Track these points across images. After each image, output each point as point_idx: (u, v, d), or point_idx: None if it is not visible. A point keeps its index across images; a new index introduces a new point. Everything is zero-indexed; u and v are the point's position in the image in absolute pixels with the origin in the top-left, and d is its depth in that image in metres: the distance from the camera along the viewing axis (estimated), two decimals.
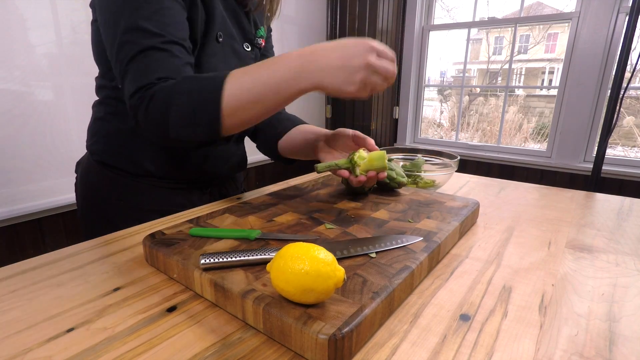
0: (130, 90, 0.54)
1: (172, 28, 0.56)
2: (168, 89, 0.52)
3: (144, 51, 0.54)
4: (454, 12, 2.78)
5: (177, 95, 0.51)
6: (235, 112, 0.51)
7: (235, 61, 0.70)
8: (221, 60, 0.67)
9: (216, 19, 0.64)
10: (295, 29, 2.44)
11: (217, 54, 0.66)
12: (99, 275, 0.46)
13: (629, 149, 2.68)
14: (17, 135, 1.33)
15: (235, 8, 0.70)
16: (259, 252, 0.42)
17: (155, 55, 0.54)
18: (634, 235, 0.60)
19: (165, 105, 0.52)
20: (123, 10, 0.54)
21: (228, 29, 0.68)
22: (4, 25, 1.25)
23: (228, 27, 0.68)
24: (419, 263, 0.42)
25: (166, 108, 0.52)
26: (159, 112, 0.52)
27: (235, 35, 0.69)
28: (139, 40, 0.53)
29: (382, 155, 0.60)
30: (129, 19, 0.54)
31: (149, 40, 0.54)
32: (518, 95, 3.71)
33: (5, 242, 1.41)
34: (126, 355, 0.32)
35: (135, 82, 0.53)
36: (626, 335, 0.36)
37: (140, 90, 0.53)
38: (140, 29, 0.54)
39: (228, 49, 0.68)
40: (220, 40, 0.66)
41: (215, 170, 0.75)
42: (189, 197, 0.73)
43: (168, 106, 0.51)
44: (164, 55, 0.55)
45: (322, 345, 0.30)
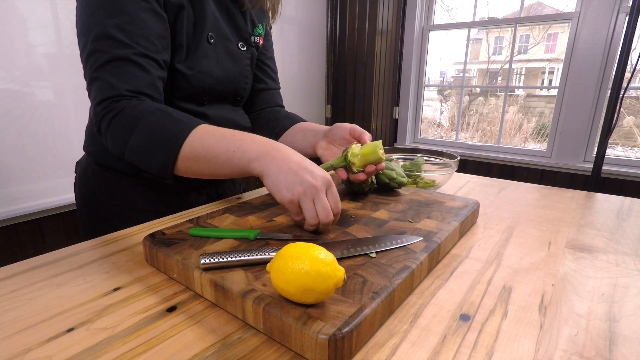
0: (96, 98, 0.54)
1: (144, 40, 0.55)
2: (136, 114, 0.52)
3: (113, 61, 0.53)
4: (454, 12, 2.78)
5: (144, 124, 0.51)
6: (186, 161, 0.51)
7: (230, 62, 0.69)
8: (214, 61, 0.66)
9: (207, 20, 0.63)
10: (295, 29, 2.44)
11: (209, 55, 0.65)
12: (99, 275, 0.46)
13: (629, 149, 2.68)
14: (17, 135, 1.33)
15: (229, 7, 0.69)
16: (259, 252, 0.42)
17: (124, 67, 0.54)
18: (634, 235, 0.60)
19: (129, 128, 0.52)
20: (97, 17, 0.54)
21: (221, 29, 0.67)
22: (4, 25, 1.25)
23: (221, 27, 0.67)
24: (419, 263, 0.42)
25: (129, 131, 0.52)
26: (121, 131, 0.53)
27: (229, 36, 0.69)
28: (109, 49, 0.53)
29: (374, 148, 0.58)
30: (101, 26, 0.53)
31: (119, 51, 0.53)
32: (518, 95, 3.71)
33: (5, 242, 1.41)
34: (126, 355, 0.32)
35: (102, 91, 0.53)
36: (626, 335, 0.36)
37: (106, 101, 0.53)
38: (111, 38, 0.53)
39: (221, 49, 0.67)
40: (212, 41, 0.65)
41: None
42: (186, 197, 0.73)
43: (132, 130, 0.52)
44: (133, 68, 0.54)
45: (322, 345, 0.30)
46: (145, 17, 0.55)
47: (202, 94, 0.67)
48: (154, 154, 0.52)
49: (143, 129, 0.51)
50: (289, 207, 0.48)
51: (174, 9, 0.59)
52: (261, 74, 0.82)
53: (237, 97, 0.75)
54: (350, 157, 0.59)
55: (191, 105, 0.66)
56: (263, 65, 0.82)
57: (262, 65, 0.82)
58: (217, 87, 0.68)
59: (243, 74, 0.73)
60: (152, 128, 0.51)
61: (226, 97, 0.73)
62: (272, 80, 0.84)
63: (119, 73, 0.53)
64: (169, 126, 0.52)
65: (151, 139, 0.52)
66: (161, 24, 0.58)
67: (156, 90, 0.57)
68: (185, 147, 0.50)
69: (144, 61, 0.55)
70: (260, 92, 0.82)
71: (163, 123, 0.52)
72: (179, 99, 0.65)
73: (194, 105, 0.67)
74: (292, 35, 2.43)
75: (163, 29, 0.58)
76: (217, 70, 0.67)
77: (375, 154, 0.58)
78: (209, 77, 0.66)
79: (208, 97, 0.68)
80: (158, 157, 0.52)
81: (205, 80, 0.65)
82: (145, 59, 0.55)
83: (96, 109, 0.54)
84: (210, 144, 0.50)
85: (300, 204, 0.47)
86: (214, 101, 0.70)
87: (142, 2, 0.55)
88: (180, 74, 0.62)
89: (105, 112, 0.53)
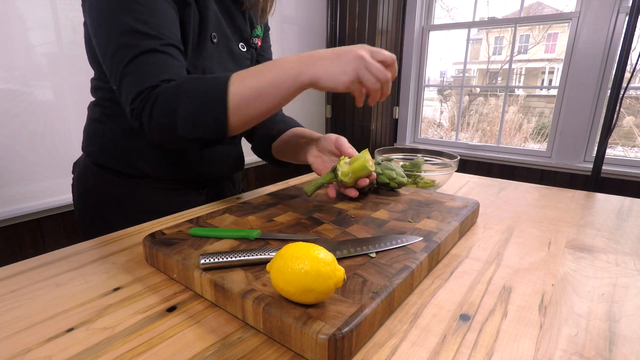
0: (131, 93, 0.53)
1: (168, 30, 0.56)
2: (172, 90, 0.52)
3: (143, 54, 0.53)
4: (454, 12, 2.78)
5: (183, 95, 0.52)
6: (239, 109, 0.52)
7: (231, 62, 0.70)
8: (216, 61, 0.66)
9: (210, 20, 0.64)
10: (295, 29, 2.44)
11: (212, 55, 0.66)
12: (99, 275, 0.46)
13: (629, 149, 2.68)
14: (17, 135, 1.33)
15: (230, 8, 0.69)
16: (259, 252, 0.42)
17: (155, 57, 0.54)
18: (634, 235, 0.60)
19: (170, 106, 0.52)
20: (116, 13, 0.53)
21: (223, 29, 0.67)
22: (4, 25, 1.25)
23: (223, 27, 0.67)
24: (419, 263, 0.42)
25: (172, 109, 0.52)
26: (164, 113, 0.52)
27: (230, 36, 0.69)
28: (136, 43, 0.53)
29: (363, 164, 0.57)
30: (124, 21, 0.53)
31: (147, 42, 0.53)
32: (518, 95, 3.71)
33: (5, 242, 1.41)
34: (126, 355, 0.32)
35: (137, 85, 0.53)
36: (626, 335, 0.36)
37: (143, 93, 0.53)
38: (136, 32, 0.53)
39: (223, 49, 0.68)
40: (215, 41, 0.65)
41: (211, 170, 0.74)
42: (185, 197, 0.73)
43: (174, 107, 0.52)
44: (164, 57, 0.54)
45: (322, 345, 0.30)
46: (163, 8, 0.56)
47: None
48: (206, 116, 0.52)
49: (185, 99, 0.52)
50: (353, 88, 0.51)
51: (181, 5, 0.60)
52: None
53: None
54: (341, 177, 0.58)
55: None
56: None
57: None
58: None
59: None
60: (193, 94, 0.52)
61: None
62: None
63: (150, 64, 0.53)
64: (207, 87, 0.52)
65: (197, 104, 0.52)
66: (176, 14, 0.59)
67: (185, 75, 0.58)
68: (231, 97, 0.51)
69: (171, 50, 0.56)
70: None
71: (200, 86, 0.52)
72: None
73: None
74: (292, 35, 2.43)
75: (177, 18, 0.59)
76: (219, 70, 0.67)
77: (365, 170, 0.57)
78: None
79: None
80: (210, 118, 0.52)
81: None
82: (173, 49, 0.56)
83: (133, 104, 0.54)
84: (252, 84, 0.52)
85: (360, 78, 0.50)
86: None
87: None
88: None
89: (144, 103, 0.53)
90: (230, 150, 0.78)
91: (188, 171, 0.71)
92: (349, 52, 0.50)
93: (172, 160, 0.69)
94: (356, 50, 0.50)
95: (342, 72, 0.49)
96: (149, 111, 0.53)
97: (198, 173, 0.73)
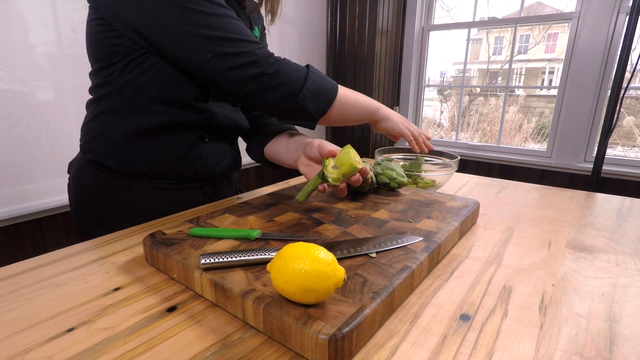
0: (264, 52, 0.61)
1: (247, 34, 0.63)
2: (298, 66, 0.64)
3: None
4: (454, 12, 2.78)
5: (311, 73, 0.65)
6: (340, 107, 0.68)
7: None
8: None
9: None
10: (295, 29, 2.44)
11: None
12: (99, 275, 0.46)
13: (629, 149, 2.68)
14: (17, 135, 1.33)
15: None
16: (259, 252, 0.42)
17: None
18: (634, 235, 0.60)
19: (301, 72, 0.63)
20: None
21: None
22: (4, 25, 1.25)
23: None
24: (419, 263, 0.42)
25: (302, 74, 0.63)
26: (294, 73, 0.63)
27: None
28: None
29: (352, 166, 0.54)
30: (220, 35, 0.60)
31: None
32: (518, 95, 3.71)
33: (5, 242, 1.41)
34: (126, 355, 0.32)
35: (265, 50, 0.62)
36: (626, 335, 0.36)
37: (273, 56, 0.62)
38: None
39: None
40: None
41: (208, 170, 0.74)
42: (182, 197, 0.73)
43: (305, 74, 0.64)
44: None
45: (322, 345, 0.30)
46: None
47: (208, 91, 0.68)
48: (322, 98, 0.66)
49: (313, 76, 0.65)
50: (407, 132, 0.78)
51: None
52: None
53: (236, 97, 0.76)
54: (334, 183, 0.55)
55: (198, 102, 0.67)
56: None
57: None
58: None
59: None
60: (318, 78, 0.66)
61: (227, 97, 0.74)
62: None
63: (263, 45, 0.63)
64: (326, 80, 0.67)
65: (321, 85, 0.65)
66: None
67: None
68: (338, 96, 0.68)
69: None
70: None
71: (321, 75, 0.67)
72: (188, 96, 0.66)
73: (201, 103, 0.68)
74: (292, 35, 2.43)
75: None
76: None
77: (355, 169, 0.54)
78: None
79: (212, 94, 0.69)
80: (324, 100, 0.66)
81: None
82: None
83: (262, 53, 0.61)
84: (351, 97, 0.70)
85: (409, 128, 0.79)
86: (216, 99, 0.71)
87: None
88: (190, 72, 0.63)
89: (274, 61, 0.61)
90: (228, 150, 0.78)
91: (185, 171, 0.71)
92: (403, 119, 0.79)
93: (170, 160, 0.69)
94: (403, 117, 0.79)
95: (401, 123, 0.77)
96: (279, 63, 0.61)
97: (195, 172, 0.72)
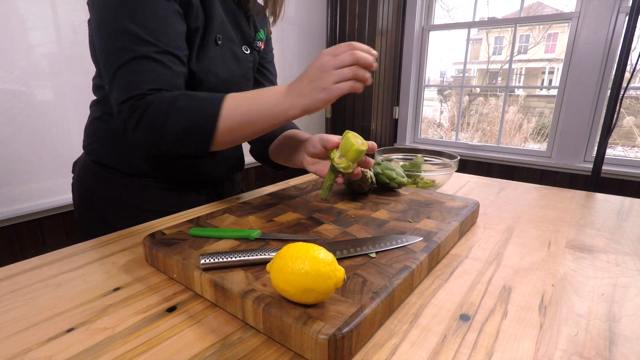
0: (121, 97, 0.54)
1: (166, 37, 0.56)
2: (165, 104, 0.53)
3: (136, 59, 0.53)
4: (454, 12, 2.78)
5: (175, 112, 0.53)
6: (229, 132, 0.55)
7: (234, 64, 0.70)
8: (220, 63, 0.67)
9: (215, 22, 0.64)
10: (295, 29, 2.44)
11: (217, 56, 0.66)
12: (99, 275, 0.46)
13: (629, 149, 2.68)
14: (17, 135, 1.33)
15: (235, 11, 0.70)
16: (259, 252, 0.42)
17: (148, 65, 0.54)
18: (634, 235, 0.60)
19: (162, 118, 0.53)
20: (117, 14, 0.53)
21: (227, 31, 0.68)
22: (4, 25, 1.25)
23: (227, 30, 0.68)
24: (419, 263, 0.42)
25: (162, 121, 0.53)
26: (154, 124, 0.53)
27: (234, 38, 0.69)
28: (131, 47, 0.53)
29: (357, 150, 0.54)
30: (123, 23, 0.53)
31: (142, 48, 0.53)
32: (518, 95, 3.71)
33: (5, 242, 1.41)
34: (126, 355, 0.32)
35: (127, 90, 0.54)
36: (626, 336, 0.36)
37: (132, 100, 0.54)
38: (133, 35, 0.53)
39: (227, 51, 0.68)
40: (219, 42, 0.66)
41: (211, 171, 0.74)
42: (185, 197, 0.73)
43: (165, 120, 0.53)
44: (156, 66, 0.55)
45: (322, 345, 0.30)
46: (166, 14, 0.56)
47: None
48: (193, 136, 0.54)
49: (175, 117, 0.53)
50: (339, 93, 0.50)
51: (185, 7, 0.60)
52: (261, 78, 0.82)
53: None
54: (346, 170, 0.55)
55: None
56: (263, 69, 0.83)
57: (262, 69, 0.82)
58: (221, 87, 0.68)
59: (246, 77, 0.74)
60: (185, 113, 0.53)
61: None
62: (272, 84, 0.85)
63: (142, 71, 0.54)
64: (201, 109, 0.54)
65: (187, 123, 0.53)
66: (180, 20, 0.59)
67: (178, 86, 0.58)
68: (221, 123, 0.54)
69: (166, 58, 0.56)
70: None
71: (194, 107, 0.54)
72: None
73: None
74: (292, 35, 2.43)
75: (182, 25, 0.59)
76: (222, 71, 0.67)
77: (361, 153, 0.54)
78: (215, 77, 0.66)
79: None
80: (197, 139, 0.54)
81: (211, 80, 0.66)
82: (167, 56, 0.56)
83: (120, 107, 0.55)
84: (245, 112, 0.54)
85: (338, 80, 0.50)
86: None
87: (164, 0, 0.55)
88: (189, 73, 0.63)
89: (132, 110, 0.54)
90: (231, 151, 0.78)
91: (188, 171, 0.71)
92: (315, 68, 0.51)
93: (173, 161, 0.69)
94: (318, 62, 0.50)
95: (322, 91, 0.50)
96: (137, 119, 0.54)
97: (198, 173, 0.73)
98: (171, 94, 0.54)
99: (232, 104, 0.54)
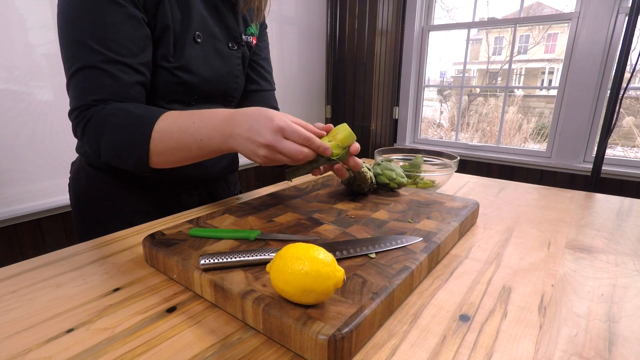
0: (71, 105, 0.56)
1: (116, 44, 0.54)
2: (101, 119, 0.53)
3: (83, 69, 0.54)
4: (454, 13, 2.78)
5: (108, 127, 0.53)
6: (161, 154, 0.53)
7: (218, 61, 0.68)
8: (202, 61, 0.65)
9: (193, 19, 0.62)
10: (295, 29, 2.44)
11: (197, 55, 0.64)
12: (99, 275, 0.46)
13: (629, 149, 2.68)
14: (16, 136, 1.33)
15: (218, 6, 0.67)
16: (259, 252, 0.42)
17: (93, 75, 0.54)
18: (633, 236, 0.60)
19: (98, 133, 0.54)
20: (70, 23, 0.54)
21: (209, 28, 0.66)
22: (4, 25, 1.25)
23: (209, 26, 0.66)
24: (419, 263, 0.42)
25: (99, 136, 0.54)
26: (92, 137, 0.55)
27: (217, 35, 0.67)
28: (80, 56, 0.54)
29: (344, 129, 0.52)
30: (74, 32, 0.53)
31: (89, 58, 0.53)
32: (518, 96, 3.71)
33: (5, 242, 1.41)
34: (126, 355, 0.32)
35: (75, 99, 0.55)
36: (626, 336, 0.36)
37: (77, 110, 0.55)
38: (82, 44, 0.53)
39: (210, 49, 0.66)
40: (199, 40, 0.64)
41: (203, 172, 0.74)
42: (177, 198, 0.73)
43: (100, 135, 0.54)
44: (101, 76, 0.54)
45: (321, 345, 0.30)
46: (115, 20, 0.54)
47: (189, 94, 0.66)
48: (127, 155, 0.53)
49: (110, 132, 0.53)
50: (272, 164, 0.50)
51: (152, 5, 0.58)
52: (254, 75, 0.80)
53: (227, 97, 0.74)
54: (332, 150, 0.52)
55: (178, 106, 0.66)
56: (256, 66, 0.80)
57: (256, 66, 0.80)
58: (204, 86, 0.67)
59: (233, 74, 0.72)
60: (117, 130, 0.53)
61: (216, 97, 0.72)
62: (266, 81, 0.82)
63: (87, 82, 0.54)
64: (131, 127, 0.53)
65: (120, 141, 0.53)
66: (137, 24, 0.57)
67: (127, 96, 0.57)
68: (153, 144, 0.52)
69: (115, 68, 0.55)
70: (253, 94, 0.81)
71: (126, 123, 0.53)
72: (164, 100, 0.64)
73: (180, 106, 0.66)
74: (292, 35, 2.43)
75: (139, 30, 0.57)
76: (204, 69, 0.66)
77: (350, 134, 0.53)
78: (195, 76, 0.65)
79: (196, 98, 0.67)
80: (131, 157, 0.53)
81: (191, 80, 0.64)
82: (115, 65, 0.55)
83: (70, 116, 0.57)
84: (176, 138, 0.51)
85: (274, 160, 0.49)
86: (202, 101, 0.69)
87: (115, 5, 0.54)
88: (166, 73, 0.62)
89: (78, 120, 0.55)
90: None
91: (179, 172, 0.70)
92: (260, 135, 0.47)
93: None
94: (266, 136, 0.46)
95: (254, 155, 0.49)
96: (81, 130, 0.55)
97: (189, 175, 0.72)
98: (109, 108, 0.54)
99: (166, 126, 0.52)
